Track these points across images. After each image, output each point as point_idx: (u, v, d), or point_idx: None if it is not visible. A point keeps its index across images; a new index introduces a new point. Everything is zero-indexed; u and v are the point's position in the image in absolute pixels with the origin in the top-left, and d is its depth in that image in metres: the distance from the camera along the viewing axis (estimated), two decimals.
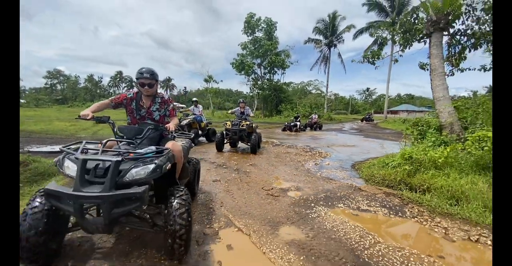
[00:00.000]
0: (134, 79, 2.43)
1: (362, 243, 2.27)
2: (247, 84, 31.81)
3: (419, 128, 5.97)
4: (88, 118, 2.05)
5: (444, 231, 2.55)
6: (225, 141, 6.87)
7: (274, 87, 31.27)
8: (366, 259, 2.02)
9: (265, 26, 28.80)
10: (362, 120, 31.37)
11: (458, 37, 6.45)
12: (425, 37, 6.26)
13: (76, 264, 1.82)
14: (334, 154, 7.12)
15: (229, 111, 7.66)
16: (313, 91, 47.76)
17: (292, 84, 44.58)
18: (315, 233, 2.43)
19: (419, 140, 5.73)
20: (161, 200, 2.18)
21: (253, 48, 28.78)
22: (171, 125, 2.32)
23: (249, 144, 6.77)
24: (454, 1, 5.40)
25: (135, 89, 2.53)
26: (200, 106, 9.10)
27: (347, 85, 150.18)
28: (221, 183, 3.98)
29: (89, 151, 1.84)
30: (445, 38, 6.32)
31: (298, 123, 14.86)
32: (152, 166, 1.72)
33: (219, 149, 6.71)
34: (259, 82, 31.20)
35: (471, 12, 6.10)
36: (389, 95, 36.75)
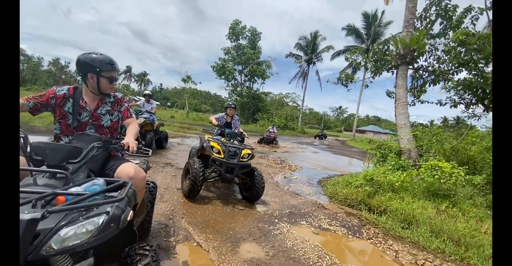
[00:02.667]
0: (88, 74, 1.64)
1: (319, 264, 2.31)
2: (226, 89, 31.77)
3: (382, 151, 6.42)
4: None
5: (395, 254, 2.70)
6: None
7: (253, 95, 31.59)
8: None
9: (249, 35, 29.27)
10: (315, 137, 26.24)
11: (421, 72, 7.16)
12: (393, 68, 6.85)
13: None
14: (303, 168, 7.30)
15: (213, 120, 4.13)
16: (290, 103, 49.35)
17: (270, 95, 45.58)
18: (275, 251, 2.42)
19: (381, 162, 6.13)
20: (106, 260, 1.34)
21: (235, 54, 28.97)
22: (130, 140, 1.54)
23: (238, 180, 3.86)
24: (420, 40, 6.01)
25: (68, 86, 1.75)
26: (154, 102, 6.60)
27: (322, 102, 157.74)
28: None
29: None
30: (410, 71, 6.98)
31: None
32: (101, 219, 0.97)
33: (191, 194, 3.34)
34: (238, 89, 31.31)
35: (433, 52, 6.86)
36: (358, 116, 39.30)
